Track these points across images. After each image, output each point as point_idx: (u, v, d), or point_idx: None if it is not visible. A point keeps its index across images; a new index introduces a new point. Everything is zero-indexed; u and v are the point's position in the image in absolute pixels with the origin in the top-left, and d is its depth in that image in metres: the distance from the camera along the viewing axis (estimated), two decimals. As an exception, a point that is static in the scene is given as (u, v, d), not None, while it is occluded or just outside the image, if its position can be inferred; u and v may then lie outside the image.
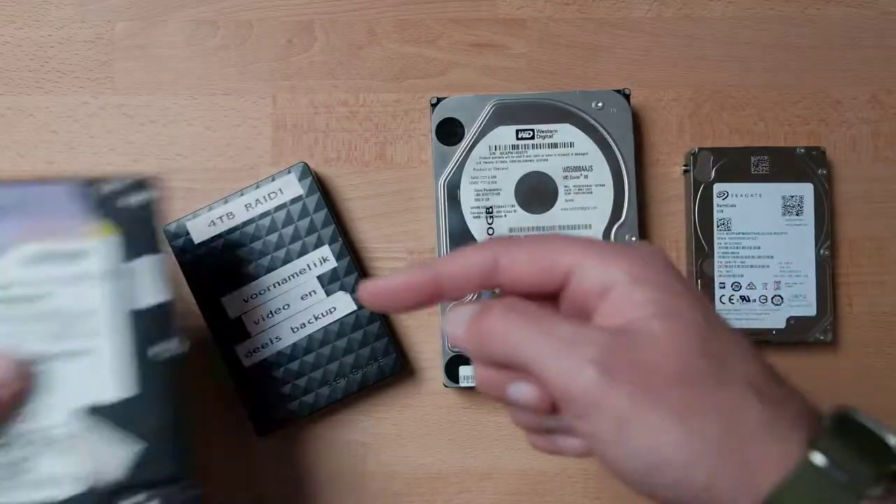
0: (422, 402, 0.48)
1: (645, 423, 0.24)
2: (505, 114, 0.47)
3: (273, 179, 0.46)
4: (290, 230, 0.45)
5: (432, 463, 0.48)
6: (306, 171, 0.46)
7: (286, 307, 0.46)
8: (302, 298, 0.46)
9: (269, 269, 0.45)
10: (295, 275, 0.46)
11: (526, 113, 0.47)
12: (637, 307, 0.26)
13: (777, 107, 0.50)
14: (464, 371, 0.46)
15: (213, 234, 0.45)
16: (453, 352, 0.46)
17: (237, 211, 0.46)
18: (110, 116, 0.49)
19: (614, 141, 0.47)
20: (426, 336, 0.48)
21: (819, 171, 0.47)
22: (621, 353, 0.25)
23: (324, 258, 0.46)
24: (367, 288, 0.29)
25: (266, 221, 0.46)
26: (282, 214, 0.46)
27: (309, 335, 0.45)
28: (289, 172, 0.46)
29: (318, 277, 0.46)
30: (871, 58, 0.50)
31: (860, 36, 0.50)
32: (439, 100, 0.47)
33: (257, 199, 0.45)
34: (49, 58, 0.49)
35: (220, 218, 0.46)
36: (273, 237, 0.45)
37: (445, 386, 0.46)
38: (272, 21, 0.50)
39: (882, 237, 0.49)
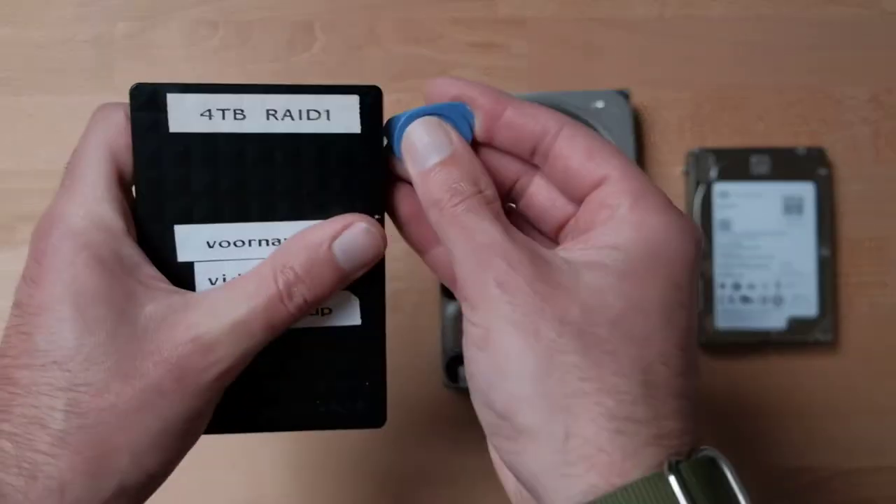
0: (422, 402, 0.48)
1: (509, 342, 0.24)
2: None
3: (325, 93, 0.29)
4: (316, 175, 0.29)
5: (432, 463, 0.48)
6: (377, 102, 0.30)
7: None
8: None
9: (263, 217, 0.29)
10: None
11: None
12: (613, 260, 0.25)
13: (777, 107, 0.49)
14: (464, 371, 0.46)
15: (204, 130, 0.29)
16: (454, 351, 0.46)
17: (253, 113, 0.29)
18: (110, 116, 0.49)
19: (614, 141, 0.47)
20: (426, 336, 0.48)
21: (819, 171, 0.47)
22: (543, 280, 0.25)
23: None
24: (438, 79, 0.28)
25: (288, 147, 0.29)
26: (314, 148, 0.29)
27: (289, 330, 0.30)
28: (352, 93, 0.29)
29: None
30: (871, 58, 0.50)
31: (860, 36, 0.50)
32: (439, 100, 0.47)
33: (288, 111, 0.29)
34: (49, 58, 0.49)
35: (224, 111, 0.29)
36: (287, 174, 0.29)
37: (445, 386, 0.46)
38: (272, 21, 0.50)
39: (883, 237, 0.49)
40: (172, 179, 0.29)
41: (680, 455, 0.23)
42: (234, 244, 0.30)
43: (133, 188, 0.29)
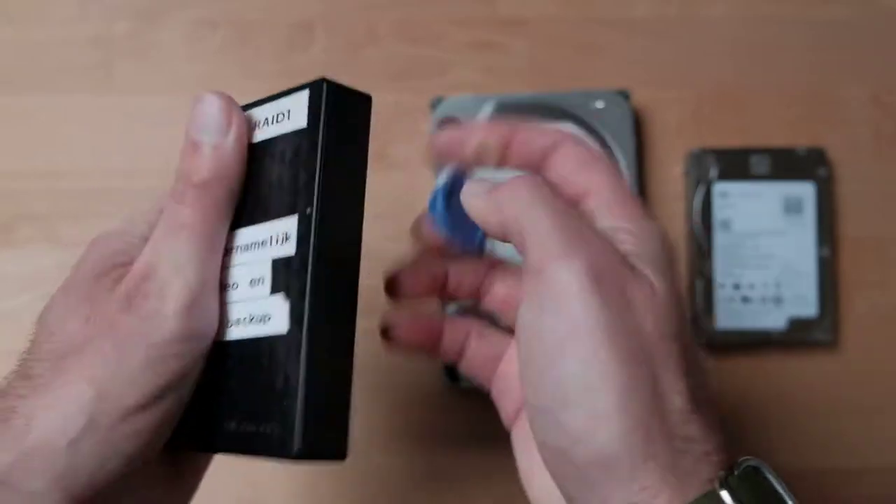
0: (422, 402, 0.48)
1: (591, 354, 0.24)
2: (505, 114, 0.47)
3: (287, 94, 0.29)
4: (280, 172, 0.28)
5: (432, 463, 0.48)
6: (319, 94, 0.28)
7: (234, 286, 0.28)
8: (251, 284, 0.28)
9: (237, 224, 0.29)
10: (257, 245, 0.28)
11: (526, 113, 0.47)
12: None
13: (777, 107, 0.49)
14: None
15: None
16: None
17: None
18: (110, 116, 0.49)
19: (614, 141, 0.47)
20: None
21: (819, 171, 0.47)
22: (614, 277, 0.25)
23: (286, 235, 0.27)
24: (441, 133, 0.32)
25: (259, 155, 0.29)
26: (279, 148, 0.29)
27: (233, 340, 0.28)
28: (303, 89, 0.28)
29: (273, 262, 0.28)
30: (871, 58, 0.50)
31: (860, 36, 0.50)
32: (439, 100, 0.47)
33: (266, 119, 0.29)
34: (49, 58, 0.49)
35: None
36: (263, 178, 0.29)
37: (445, 386, 0.46)
38: (272, 21, 0.50)
39: (883, 237, 0.49)
40: None
41: (726, 468, 0.24)
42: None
43: None
